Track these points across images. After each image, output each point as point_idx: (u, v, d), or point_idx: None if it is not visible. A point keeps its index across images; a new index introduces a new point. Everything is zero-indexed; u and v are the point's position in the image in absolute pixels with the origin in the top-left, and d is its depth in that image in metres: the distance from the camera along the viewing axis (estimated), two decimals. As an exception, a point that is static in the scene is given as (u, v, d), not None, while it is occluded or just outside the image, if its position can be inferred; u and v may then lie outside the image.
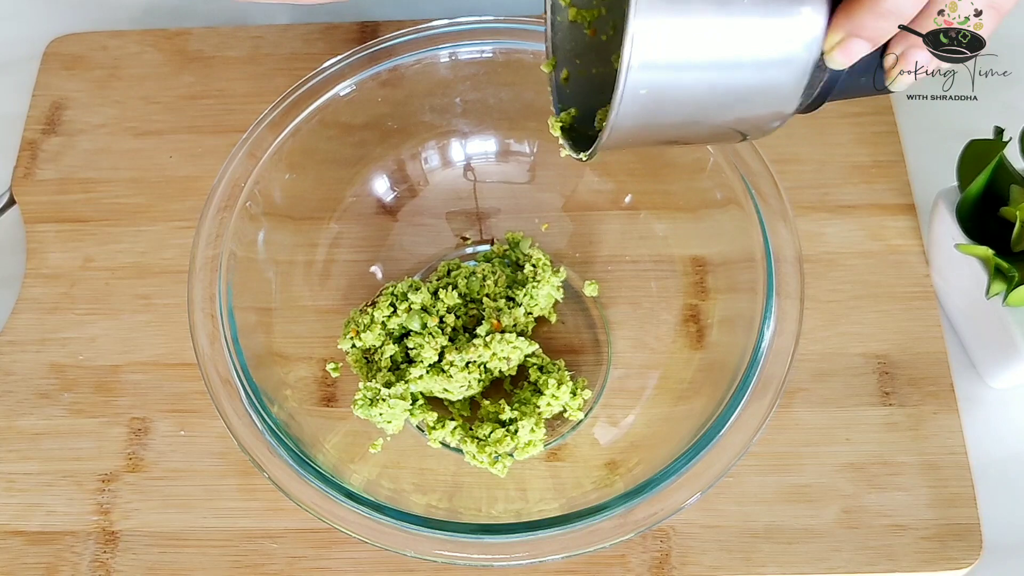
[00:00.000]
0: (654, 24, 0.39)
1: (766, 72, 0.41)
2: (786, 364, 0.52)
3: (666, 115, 0.42)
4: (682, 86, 0.41)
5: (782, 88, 0.42)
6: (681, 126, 0.43)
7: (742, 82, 0.41)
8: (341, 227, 0.64)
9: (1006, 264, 0.55)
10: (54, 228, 0.68)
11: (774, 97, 0.42)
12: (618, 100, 0.40)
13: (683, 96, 0.41)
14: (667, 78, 0.40)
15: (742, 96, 0.42)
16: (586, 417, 0.59)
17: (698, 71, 0.40)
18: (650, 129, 0.43)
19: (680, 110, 0.42)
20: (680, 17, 0.39)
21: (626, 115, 0.41)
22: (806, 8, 0.40)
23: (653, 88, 0.40)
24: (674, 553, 0.56)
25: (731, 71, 0.41)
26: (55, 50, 0.75)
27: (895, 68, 0.43)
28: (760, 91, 0.42)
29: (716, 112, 0.43)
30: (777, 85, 0.42)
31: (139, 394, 0.62)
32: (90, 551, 0.57)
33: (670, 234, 0.63)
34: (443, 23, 0.61)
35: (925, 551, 0.56)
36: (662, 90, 0.40)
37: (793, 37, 0.40)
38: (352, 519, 0.50)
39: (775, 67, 0.41)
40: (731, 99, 0.42)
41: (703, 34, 0.39)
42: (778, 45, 0.41)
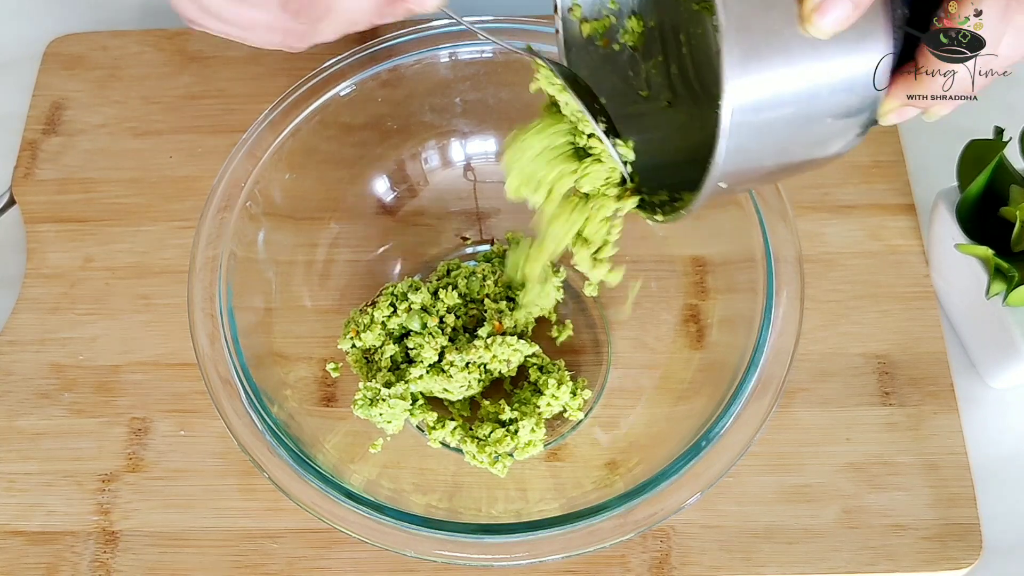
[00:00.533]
0: (747, 88, 0.38)
1: (841, 116, 0.41)
2: (786, 364, 0.52)
3: (761, 154, 0.41)
4: (780, 123, 0.40)
5: (852, 126, 0.42)
6: (770, 166, 0.43)
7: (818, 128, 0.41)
8: (341, 227, 0.64)
9: (1006, 264, 0.55)
10: (54, 228, 0.68)
11: (845, 136, 0.43)
12: (722, 150, 0.39)
13: (780, 134, 0.41)
14: (767, 118, 0.39)
15: (825, 135, 0.42)
16: (586, 417, 0.59)
17: (789, 108, 0.40)
18: (745, 171, 0.42)
19: (772, 148, 0.41)
20: (772, 70, 0.39)
21: (728, 159, 0.40)
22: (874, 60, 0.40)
23: (753, 132, 0.39)
24: (674, 553, 0.56)
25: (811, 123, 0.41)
26: (55, 50, 0.75)
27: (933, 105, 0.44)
28: (832, 134, 0.42)
29: (793, 157, 0.43)
30: (848, 125, 0.42)
31: (139, 394, 0.62)
32: (90, 551, 0.57)
33: (670, 234, 0.63)
34: (443, 23, 0.61)
35: (925, 551, 0.56)
36: (762, 131, 0.40)
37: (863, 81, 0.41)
38: (352, 519, 0.50)
39: (847, 110, 0.41)
40: (808, 144, 0.42)
41: (794, 77, 0.39)
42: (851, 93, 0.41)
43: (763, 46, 0.38)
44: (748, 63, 0.38)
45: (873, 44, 0.40)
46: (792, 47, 0.39)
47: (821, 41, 0.39)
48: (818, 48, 0.39)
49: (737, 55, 0.38)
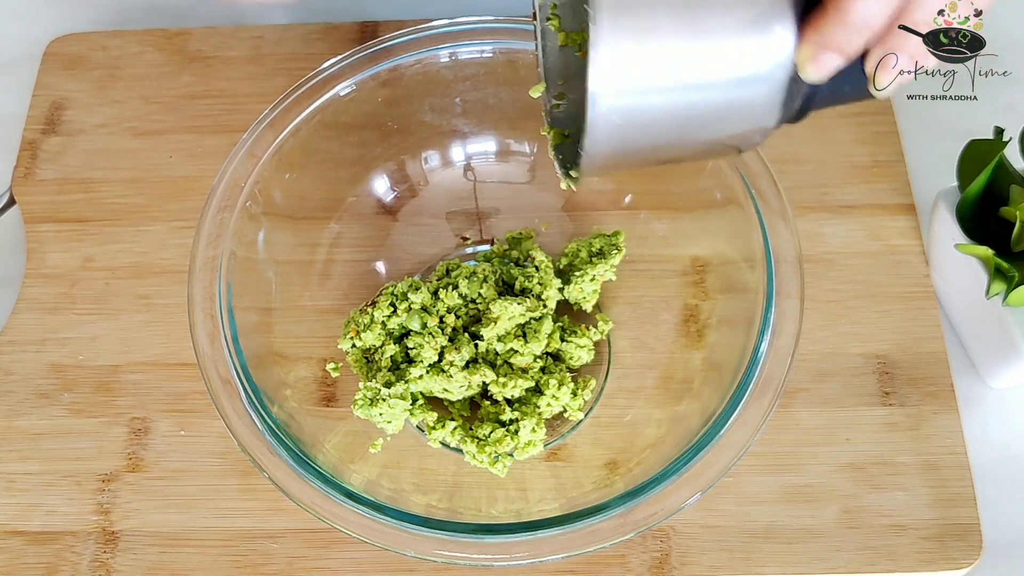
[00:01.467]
0: (618, 52, 0.38)
1: (740, 90, 0.40)
2: (786, 364, 0.52)
3: (643, 139, 0.41)
4: (654, 110, 0.40)
5: (759, 104, 0.41)
6: (662, 148, 0.43)
7: (717, 102, 0.41)
8: (341, 227, 0.64)
9: (1006, 264, 0.55)
10: (54, 228, 0.68)
11: (752, 113, 0.42)
12: (589, 128, 0.39)
13: (657, 119, 0.40)
14: (637, 103, 0.40)
15: (719, 115, 0.41)
16: (586, 417, 0.59)
17: (668, 94, 0.40)
18: (629, 153, 0.42)
19: (657, 133, 0.41)
20: (644, 43, 0.38)
21: (600, 142, 0.40)
22: (774, 25, 0.39)
23: (624, 114, 0.39)
24: (674, 553, 0.56)
25: (703, 92, 0.40)
26: (55, 50, 0.75)
27: (878, 75, 0.42)
28: (737, 109, 0.41)
29: (695, 132, 0.42)
30: (753, 102, 0.41)
31: (139, 394, 0.62)
32: (90, 551, 0.57)
33: (670, 234, 0.63)
34: (443, 23, 0.61)
35: (925, 551, 0.56)
36: (634, 115, 0.40)
37: (763, 55, 0.40)
38: (352, 519, 0.50)
39: (748, 85, 0.40)
40: (708, 119, 0.41)
41: (669, 58, 0.39)
42: (748, 63, 0.40)
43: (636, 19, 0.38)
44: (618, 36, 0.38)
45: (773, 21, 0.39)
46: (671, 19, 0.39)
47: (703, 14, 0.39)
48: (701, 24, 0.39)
49: (607, 22, 0.38)
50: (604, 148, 0.41)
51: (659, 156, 0.45)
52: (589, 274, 0.60)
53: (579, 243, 0.62)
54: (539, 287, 0.60)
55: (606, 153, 0.41)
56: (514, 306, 0.57)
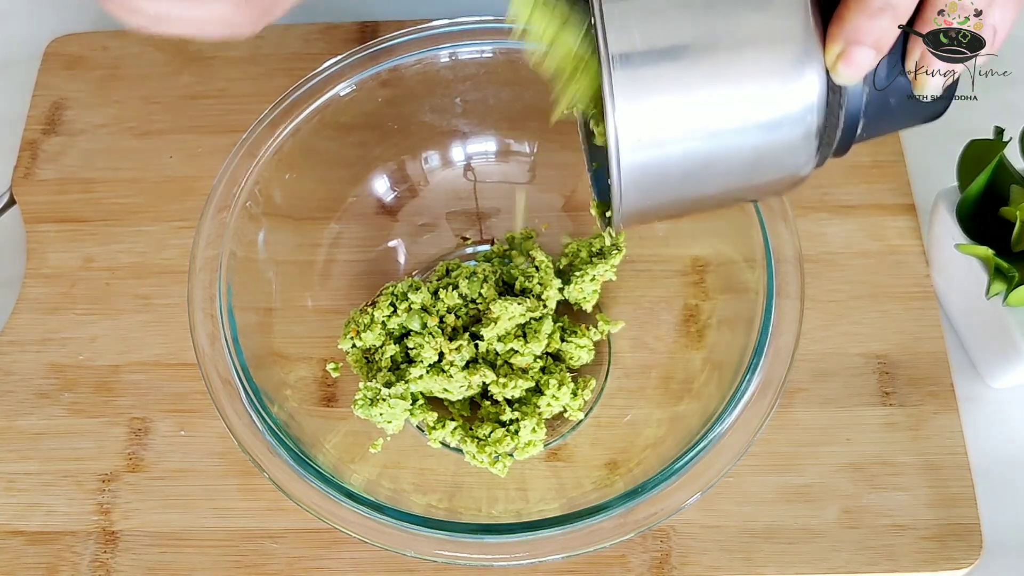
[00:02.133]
0: (634, 108, 0.37)
1: (772, 126, 0.39)
2: (786, 364, 0.52)
3: (673, 192, 0.40)
4: (676, 160, 0.39)
5: (792, 142, 0.39)
6: (696, 198, 0.42)
7: (746, 143, 0.39)
8: (341, 227, 0.64)
9: (1006, 264, 0.55)
10: (54, 228, 0.68)
11: (786, 153, 0.40)
12: (616, 184, 0.39)
13: (685, 170, 0.39)
14: (660, 157, 0.39)
15: (752, 157, 0.39)
16: (586, 417, 0.59)
17: (691, 145, 0.39)
18: (663, 205, 0.42)
19: (689, 183, 0.40)
20: (660, 95, 0.37)
21: (630, 198, 0.39)
22: (793, 40, 0.38)
23: (648, 168, 0.39)
24: (674, 553, 0.56)
25: (730, 135, 0.39)
26: (55, 50, 0.75)
27: (921, 72, 0.41)
28: (770, 146, 0.39)
29: (727, 179, 0.41)
30: (785, 140, 0.39)
31: (139, 394, 0.62)
32: (90, 551, 0.57)
33: (670, 234, 0.63)
34: (443, 23, 0.61)
35: (925, 551, 0.56)
36: (659, 170, 0.39)
37: (789, 78, 0.38)
38: (352, 519, 0.50)
39: (779, 116, 0.39)
40: (740, 163, 0.40)
41: (688, 107, 0.38)
42: (774, 95, 0.38)
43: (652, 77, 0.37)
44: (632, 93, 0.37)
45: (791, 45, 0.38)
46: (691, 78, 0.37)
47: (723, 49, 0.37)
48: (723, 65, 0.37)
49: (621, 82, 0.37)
50: (635, 204, 0.40)
51: (697, 204, 0.43)
52: (589, 274, 0.60)
53: (579, 243, 0.62)
54: (539, 287, 0.60)
55: (638, 208, 0.41)
56: (514, 306, 0.57)
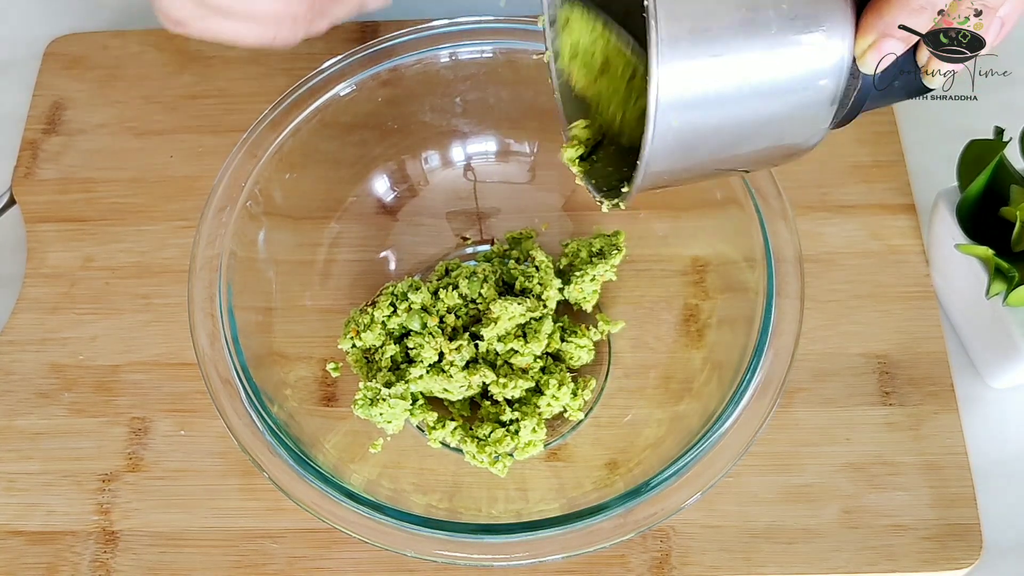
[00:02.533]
0: (679, 67, 0.37)
1: (798, 93, 0.40)
2: (786, 364, 0.52)
3: (699, 151, 0.41)
4: (713, 121, 0.39)
5: (816, 106, 0.41)
6: (716, 160, 0.42)
7: (774, 107, 0.40)
8: (341, 227, 0.64)
9: (1006, 264, 0.55)
10: (54, 228, 0.68)
11: (809, 116, 0.41)
12: (649, 141, 0.38)
13: (715, 130, 0.40)
14: (697, 116, 0.39)
15: (776, 120, 0.41)
16: (586, 417, 0.59)
17: (728, 105, 0.39)
18: (684, 167, 0.42)
19: (714, 144, 0.40)
20: (705, 49, 0.38)
21: (657, 156, 0.39)
22: (833, 18, 0.39)
23: (683, 127, 0.39)
24: (674, 553, 0.56)
25: (761, 98, 0.40)
26: (55, 50, 0.75)
27: (932, 62, 0.42)
28: (794, 112, 0.40)
29: (751, 142, 0.41)
30: (810, 103, 0.40)
31: (139, 394, 0.62)
32: (90, 551, 0.57)
33: (670, 234, 0.63)
34: (443, 23, 0.61)
35: (925, 551, 0.56)
36: (693, 128, 0.39)
37: (823, 50, 0.39)
38: (352, 519, 0.50)
39: (807, 86, 0.40)
40: (764, 126, 0.41)
41: (730, 63, 0.38)
42: (808, 63, 0.39)
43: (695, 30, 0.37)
44: (677, 48, 0.37)
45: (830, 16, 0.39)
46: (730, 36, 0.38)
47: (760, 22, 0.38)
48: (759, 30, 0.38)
49: (666, 37, 0.37)
50: (661, 164, 0.40)
51: (710, 169, 0.44)
52: (589, 274, 0.60)
53: (579, 243, 0.62)
54: (539, 287, 0.60)
55: (662, 169, 0.41)
56: (514, 306, 0.57)
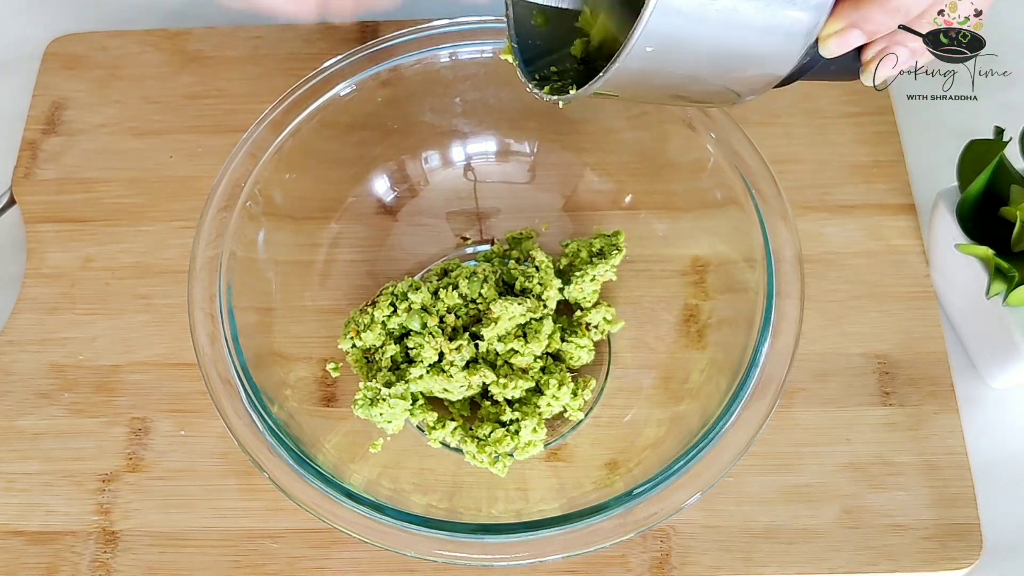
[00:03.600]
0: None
1: (772, 39, 0.41)
2: (786, 364, 0.52)
3: (670, 65, 0.42)
4: (693, 38, 0.41)
5: (780, 57, 0.42)
6: (680, 80, 0.43)
7: (746, 44, 0.42)
8: (341, 227, 0.64)
9: (1006, 264, 0.55)
10: (54, 228, 0.68)
11: (771, 63, 0.43)
12: (633, 40, 0.39)
13: (692, 48, 0.41)
14: (682, 28, 0.40)
15: (743, 58, 0.42)
16: (586, 417, 0.59)
17: (710, 26, 0.40)
18: (650, 77, 0.43)
19: (685, 62, 0.42)
20: None
21: (635, 58, 0.40)
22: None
23: (667, 35, 0.40)
24: (674, 553, 0.56)
25: (739, 31, 0.41)
26: (55, 50, 0.75)
27: (872, 63, 0.43)
28: (761, 56, 0.42)
29: (715, 69, 0.43)
30: (777, 53, 0.42)
31: (139, 394, 0.62)
32: (90, 551, 0.57)
33: (670, 234, 0.63)
34: (443, 23, 0.61)
35: (925, 551, 0.56)
36: (675, 39, 0.40)
37: (802, 13, 0.41)
38: (352, 519, 0.50)
39: (780, 36, 0.41)
40: (731, 59, 0.42)
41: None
42: (789, 17, 0.41)
43: None
44: None
45: None
46: None
47: None
48: None
49: None
50: (636, 64, 0.41)
51: (670, 89, 0.45)
52: (589, 274, 0.60)
53: (579, 243, 0.62)
54: (539, 287, 0.60)
55: (634, 71, 0.41)
56: (514, 306, 0.57)
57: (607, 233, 0.62)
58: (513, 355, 0.58)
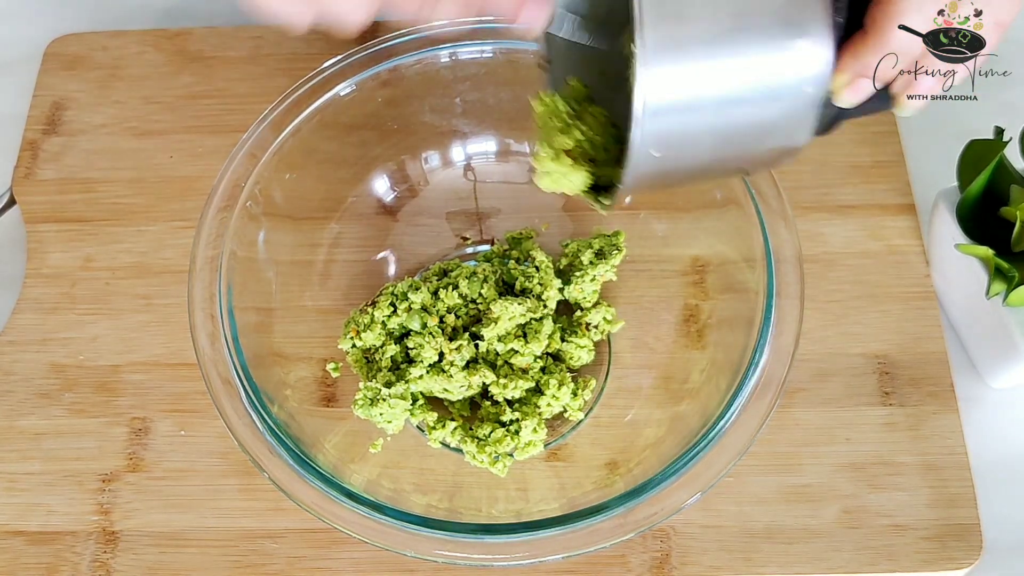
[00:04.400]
0: (662, 74, 0.38)
1: (778, 106, 0.41)
2: (786, 364, 0.52)
3: (687, 158, 0.41)
4: (698, 129, 0.40)
5: (797, 120, 0.41)
6: (699, 167, 0.43)
7: (755, 121, 0.41)
8: (341, 227, 0.64)
9: (1006, 264, 0.55)
10: (54, 228, 0.68)
11: (787, 128, 0.42)
12: (632, 148, 0.39)
13: (701, 138, 0.40)
14: (681, 123, 0.39)
15: (755, 135, 0.41)
16: (586, 417, 0.59)
17: (709, 114, 0.40)
18: (672, 173, 0.42)
19: (701, 151, 0.41)
20: (689, 59, 0.38)
21: (643, 165, 0.40)
22: (811, 48, 0.40)
23: (668, 133, 0.39)
24: (674, 553, 0.56)
25: (743, 107, 0.40)
26: (55, 50, 0.75)
27: (901, 96, 0.43)
28: (775, 125, 0.41)
29: (733, 150, 0.42)
30: (789, 117, 0.41)
31: (139, 394, 0.62)
32: (90, 551, 0.57)
33: (670, 234, 0.63)
34: (443, 23, 0.61)
35: (925, 551, 0.56)
36: (678, 135, 0.40)
37: (802, 77, 0.40)
38: (352, 519, 0.50)
39: (786, 102, 0.41)
40: (748, 137, 0.41)
41: (713, 72, 0.39)
42: (788, 86, 0.40)
43: (680, 35, 0.38)
44: (663, 53, 0.38)
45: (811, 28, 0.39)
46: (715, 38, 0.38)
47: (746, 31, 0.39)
48: (743, 40, 0.39)
49: (651, 43, 0.37)
50: (645, 169, 0.40)
51: (692, 175, 0.44)
52: (589, 274, 0.60)
53: (579, 243, 0.62)
54: (539, 287, 0.60)
55: (645, 174, 0.41)
56: (514, 306, 0.57)
57: (607, 233, 0.62)
58: (513, 355, 0.58)
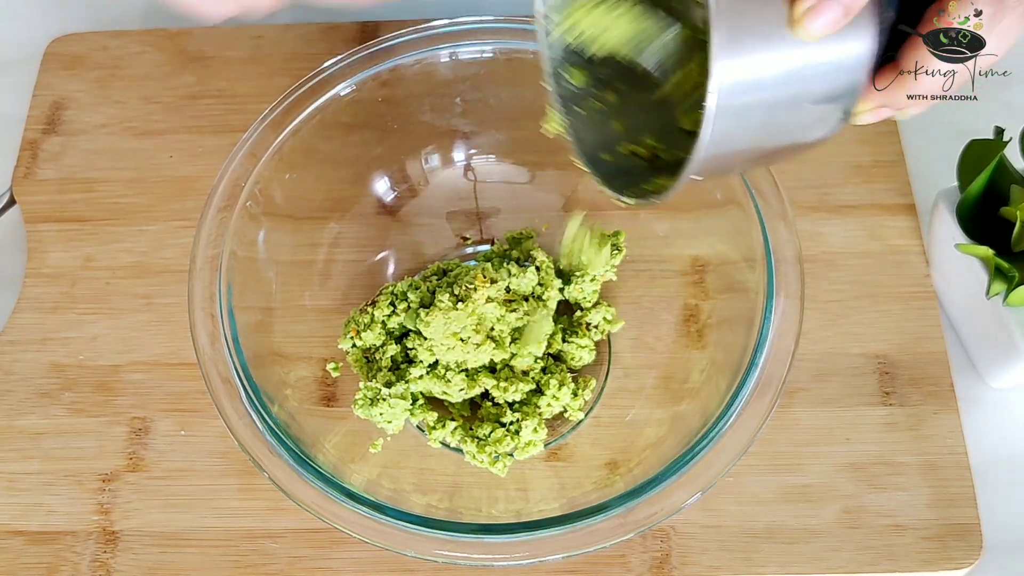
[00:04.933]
0: (739, 61, 0.39)
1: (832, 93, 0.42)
2: (786, 364, 0.52)
3: (748, 142, 0.42)
4: (757, 115, 0.41)
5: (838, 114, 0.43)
6: (756, 153, 0.44)
7: (807, 117, 0.42)
8: (341, 227, 0.64)
9: (1006, 264, 0.55)
10: (55, 228, 0.68)
11: (829, 122, 0.43)
12: (705, 132, 0.39)
13: (758, 125, 0.41)
14: (754, 102, 0.40)
15: (807, 124, 0.43)
16: (586, 417, 0.59)
17: (765, 108, 0.41)
18: (729, 159, 0.43)
19: (751, 138, 0.42)
20: (756, 54, 0.39)
21: (713, 146, 0.40)
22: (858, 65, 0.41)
23: (739, 117, 0.40)
24: (674, 553, 0.56)
25: (798, 105, 0.41)
26: (55, 50, 0.75)
27: (910, 110, 0.45)
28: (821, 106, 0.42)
29: (779, 138, 0.43)
30: (834, 112, 0.43)
31: (139, 394, 0.62)
32: (90, 551, 0.57)
33: (670, 234, 0.63)
34: (443, 23, 0.61)
35: (925, 551, 0.56)
36: (749, 117, 0.40)
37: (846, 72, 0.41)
38: (352, 519, 0.50)
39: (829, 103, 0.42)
40: (796, 126, 0.43)
41: (779, 64, 0.40)
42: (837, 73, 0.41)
43: (749, 31, 0.39)
44: (735, 45, 0.38)
45: (858, 42, 0.40)
46: (778, 36, 0.39)
47: None
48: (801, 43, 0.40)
49: (725, 36, 0.38)
50: (714, 152, 0.41)
51: (750, 160, 0.46)
52: (589, 274, 0.60)
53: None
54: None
55: (713, 158, 0.41)
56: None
57: (607, 233, 0.62)
58: (513, 357, 0.58)
